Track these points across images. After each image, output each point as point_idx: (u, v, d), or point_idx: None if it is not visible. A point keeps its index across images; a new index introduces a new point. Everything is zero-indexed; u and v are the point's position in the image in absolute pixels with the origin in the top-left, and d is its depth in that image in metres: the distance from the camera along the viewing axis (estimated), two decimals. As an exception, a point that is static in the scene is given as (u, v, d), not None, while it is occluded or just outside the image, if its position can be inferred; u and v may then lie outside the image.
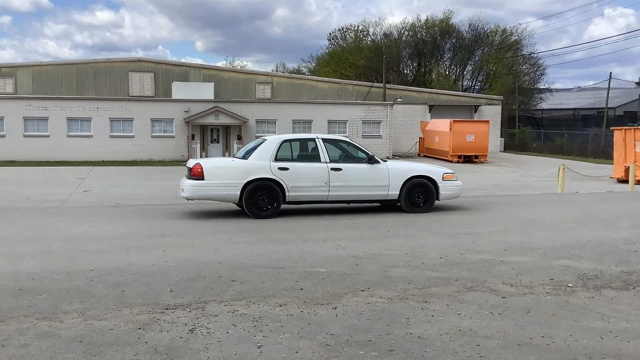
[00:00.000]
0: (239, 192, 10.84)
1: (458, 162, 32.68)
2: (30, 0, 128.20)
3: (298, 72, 71.50)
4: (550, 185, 19.86)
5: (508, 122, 51.79)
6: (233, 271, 6.66)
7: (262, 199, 10.93)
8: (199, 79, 42.17)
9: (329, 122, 36.97)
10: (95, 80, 40.65)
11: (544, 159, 36.87)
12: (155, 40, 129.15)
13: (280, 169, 11.00)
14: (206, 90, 38.73)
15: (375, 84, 45.98)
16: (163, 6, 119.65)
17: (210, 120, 35.07)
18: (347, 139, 12.40)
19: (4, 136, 32.17)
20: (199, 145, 34.90)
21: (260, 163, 11.02)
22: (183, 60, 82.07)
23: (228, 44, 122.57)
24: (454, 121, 33.91)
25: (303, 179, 11.13)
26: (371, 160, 11.58)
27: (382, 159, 11.97)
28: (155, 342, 4.44)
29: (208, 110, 34.69)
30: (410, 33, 63.49)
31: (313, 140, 11.60)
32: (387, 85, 44.30)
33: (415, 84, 54.71)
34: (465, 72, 63.98)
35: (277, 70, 74.07)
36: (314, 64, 73.19)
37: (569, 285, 6.17)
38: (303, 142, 11.80)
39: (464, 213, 11.80)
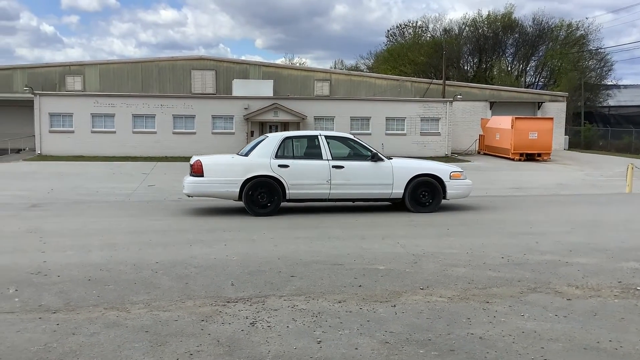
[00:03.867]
0: (238, 190, 10.81)
1: (520, 160, 31.91)
2: (98, 0, 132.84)
3: (356, 69, 71.40)
4: (617, 184, 19.12)
5: (573, 120, 50.16)
6: (292, 267, 6.73)
7: (261, 197, 10.86)
8: (259, 76, 42.68)
9: (387, 119, 36.76)
10: (160, 78, 41.75)
11: (610, 157, 35.53)
12: (216, 38, 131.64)
13: (281, 166, 10.91)
14: (265, 88, 39.17)
15: (435, 81, 45.35)
16: (224, 4, 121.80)
17: (269, 117, 35.45)
18: (352, 136, 12.00)
19: (73, 132, 33.47)
20: (258, 141, 35.27)
21: (260, 160, 10.95)
22: (243, 57, 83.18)
23: (287, 41, 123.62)
24: (516, 118, 33.09)
25: (303, 177, 11.00)
26: (374, 157, 11.32)
27: (387, 157, 11.74)
28: (218, 334, 4.54)
29: (267, 107, 35.08)
30: (471, 28, 62.34)
31: (316, 137, 11.40)
32: (447, 82, 43.64)
33: (475, 81, 53.73)
34: (528, 68, 62.35)
35: (335, 67, 74.18)
36: (372, 61, 72.96)
37: (638, 288, 5.93)
38: (305, 139, 11.70)
39: (526, 212, 11.52)
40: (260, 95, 36.54)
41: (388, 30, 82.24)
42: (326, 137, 11.40)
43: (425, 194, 11.41)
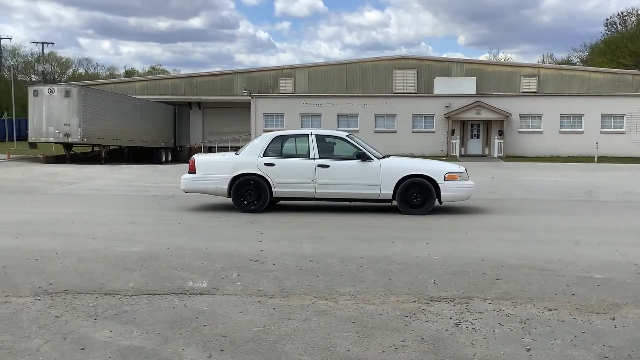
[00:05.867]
0: (226, 187, 11.06)
1: None
2: (308, 5, 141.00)
3: (568, 62, 66.67)
4: None
5: None
6: (497, 269, 6.51)
7: (249, 194, 11.04)
8: (461, 73, 41.90)
9: (603, 116, 33.86)
10: (363, 78, 43.04)
11: None
12: (418, 37, 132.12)
13: (267, 164, 11.02)
14: (468, 85, 38.35)
15: (662, 73, 40.61)
16: (428, 3, 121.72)
17: (471, 115, 34.64)
18: (343, 135, 11.52)
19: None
20: (458, 140, 34.74)
21: (248, 158, 11.14)
22: (444, 55, 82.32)
23: (492, 36, 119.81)
24: None
25: (288, 175, 11.00)
26: (361, 157, 10.95)
27: (380, 156, 11.27)
28: (421, 331, 4.57)
29: (469, 105, 34.32)
30: None
31: (306, 136, 11.29)
32: (677, 74, 38.82)
33: None
34: None
35: (544, 62, 69.99)
36: (586, 53, 67.58)
37: None
38: (295, 138, 11.55)
39: None
40: (462, 93, 35.86)
41: (607, 20, 75.68)
42: (317, 136, 11.26)
43: (417, 196, 10.84)
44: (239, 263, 6.75)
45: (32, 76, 75.67)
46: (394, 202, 11.08)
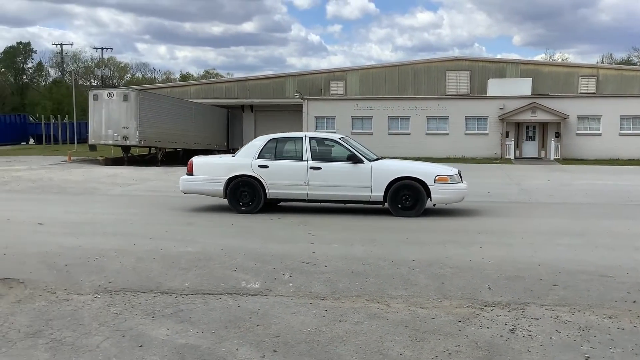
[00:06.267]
0: (222, 188, 11.27)
1: None
2: (359, 8, 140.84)
3: (628, 62, 64.42)
4: None
5: None
6: (554, 275, 6.36)
7: (243, 195, 11.24)
8: (516, 74, 41.04)
9: (667, 117, 32.53)
10: (415, 80, 42.67)
11: None
12: (471, 37, 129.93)
13: (261, 166, 11.19)
14: (523, 86, 37.53)
15: None
16: (482, 3, 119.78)
17: (526, 117, 33.89)
18: (336, 138, 11.60)
19: (335, 133, 35.93)
20: (513, 142, 34.05)
21: (243, 160, 11.35)
22: (499, 56, 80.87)
23: (548, 36, 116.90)
24: None
25: (281, 177, 11.16)
26: (352, 159, 10.99)
27: (373, 158, 11.30)
28: (475, 336, 4.50)
29: (524, 106, 33.59)
30: None
31: (300, 139, 11.48)
32: None
33: None
34: None
35: (602, 62, 67.85)
36: (648, 52, 65.07)
37: None
38: (289, 140, 11.72)
39: None
40: (516, 95, 35.12)
41: (669, 17, 72.71)
42: (311, 138, 11.48)
43: (408, 198, 10.81)
44: (291, 264, 6.81)
45: (92, 80, 78.14)
46: (386, 205, 11.04)
